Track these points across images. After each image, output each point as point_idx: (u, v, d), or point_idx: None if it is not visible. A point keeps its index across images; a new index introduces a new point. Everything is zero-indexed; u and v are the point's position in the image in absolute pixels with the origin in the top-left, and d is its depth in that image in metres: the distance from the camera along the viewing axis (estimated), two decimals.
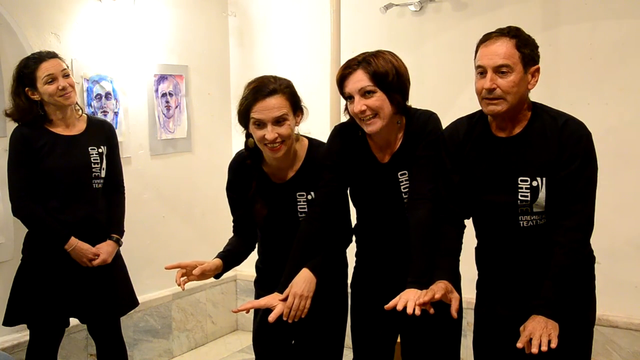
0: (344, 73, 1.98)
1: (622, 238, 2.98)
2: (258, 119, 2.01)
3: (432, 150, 2.01)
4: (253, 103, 2.01)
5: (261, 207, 2.15)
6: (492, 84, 1.85)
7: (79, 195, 2.59)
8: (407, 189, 2.03)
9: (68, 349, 3.14)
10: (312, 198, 2.13)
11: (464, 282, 2.11)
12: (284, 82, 2.07)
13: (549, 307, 1.82)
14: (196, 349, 3.93)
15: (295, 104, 2.07)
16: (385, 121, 1.97)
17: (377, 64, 1.94)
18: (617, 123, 2.95)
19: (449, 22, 3.34)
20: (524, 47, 1.87)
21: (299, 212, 2.14)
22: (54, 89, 2.49)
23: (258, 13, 3.99)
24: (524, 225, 1.92)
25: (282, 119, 2.01)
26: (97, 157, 2.63)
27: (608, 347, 3.04)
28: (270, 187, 2.16)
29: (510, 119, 1.93)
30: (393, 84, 1.95)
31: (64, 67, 2.55)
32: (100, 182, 2.65)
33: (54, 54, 2.57)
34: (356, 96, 1.95)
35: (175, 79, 3.73)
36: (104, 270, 2.64)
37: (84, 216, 2.60)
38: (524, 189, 1.90)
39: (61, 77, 2.51)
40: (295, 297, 1.95)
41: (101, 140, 2.68)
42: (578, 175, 1.86)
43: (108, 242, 2.67)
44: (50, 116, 2.56)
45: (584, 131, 1.89)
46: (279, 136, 2.01)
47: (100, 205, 2.67)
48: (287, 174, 2.16)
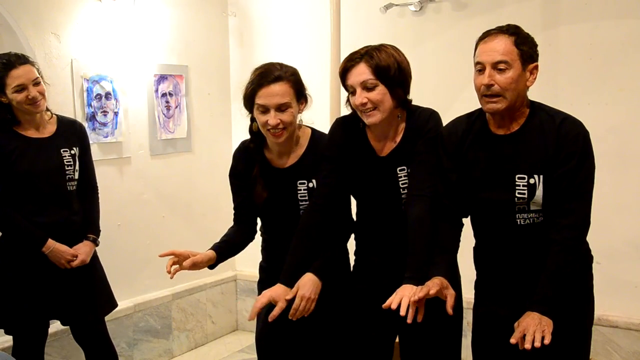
0: (347, 66, 1.99)
1: (622, 238, 2.98)
2: (262, 105, 2.05)
3: (432, 148, 2.02)
4: (258, 88, 2.05)
5: (262, 189, 2.17)
6: (490, 80, 1.86)
7: (53, 198, 2.55)
8: (406, 186, 2.03)
9: (68, 349, 3.14)
10: (313, 186, 2.14)
11: (463, 282, 2.11)
12: (289, 69, 2.09)
13: (544, 304, 1.83)
14: (196, 349, 3.93)
15: (299, 92, 2.10)
16: (385, 114, 1.99)
17: (380, 57, 1.95)
18: (617, 123, 2.95)
19: (449, 22, 3.34)
20: (522, 45, 1.87)
21: (299, 199, 2.15)
22: (22, 98, 2.43)
23: (258, 13, 3.99)
24: (521, 223, 1.92)
25: (286, 106, 2.05)
26: (70, 159, 2.60)
27: (608, 347, 3.04)
28: (271, 172, 2.19)
29: (509, 116, 1.93)
30: (395, 78, 1.97)
31: (35, 75, 2.46)
32: (74, 184, 2.62)
33: (25, 60, 2.47)
34: (358, 89, 1.96)
35: (175, 79, 3.73)
36: (82, 272, 2.62)
37: (59, 219, 2.57)
38: (521, 186, 1.90)
39: (31, 86, 2.44)
40: (303, 300, 1.98)
41: (73, 141, 2.64)
42: (575, 173, 1.86)
43: (85, 242, 2.64)
44: (19, 118, 2.51)
45: (582, 129, 1.90)
46: (282, 122, 2.05)
47: (75, 207, 2.64)
48: (288, 160, 2.18)
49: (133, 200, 3.52)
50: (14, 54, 2.48)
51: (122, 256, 3.39)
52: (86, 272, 2.64)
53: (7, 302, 2.53)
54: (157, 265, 3.67)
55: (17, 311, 2.53)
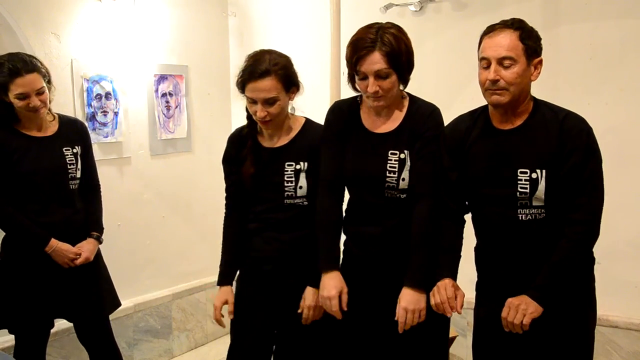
0: (361, 54, 1.96)
1: (622, 238, 2.97)
2: (250, 97, 2.12)
3: (434, 146, 2.03)
4: (247, 82, 2.11)
5: (250, 165, 2.23)
6: (495, 75, 1.86)
7: (56, 197, 2.55)
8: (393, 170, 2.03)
9: (68, 349, 3.14)
10: (300, 169, 2.18)
11: (464, 282, 2.11)
12: (279, 61, 2.13)
13: (538, 290, 1.86)
14: (196, 349, 3.93)
15: (288, 83, 2.14)
16: (392, 99, 2.03)
17: (392, 44, 1.95)
18: (617, 123, 2.94)
19: (449, 22, 3.34)
20: (527, 39, 1.88)
21: (285, 180, 2.18)
22: (24, 105, 2.42)
23: (258, 13, 3.99)
24: (523, 218, 1.92)
25: (273, 100, 2.11)
26: (72, 158, 2.59)
27: (608, 347, 3.04)
28: (261, 150, 2.24)
29: (512, 110, 1.94)
30: (404, 64, 1.99)
31: (40, 84, 2.43)
32: (76, 183, 2.61)
33: (32, 67, 2.42)
34: (371, 77, 1.97)
35: (175, 79, 3.73)
36: (86, 270, 2.61)
37: (62, 218, 2.56)
38: (524, 180, 1.90)
39: (34, 95, 2.41)
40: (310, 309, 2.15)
41: (75, 140, 2.63)
42: (581, 168, 1.86)
43: (89, 240, 2.64)
44: (21, 117, 2.50)
45: (584, 125, 1.90)
46: (269, 114, 2.12)
47: (77, 205, 2.63)
48: (278, 141, 2.23)
49: (133, 200, 3.52)
50: (21, 59, 2.43)
51: (122, 256, 3.38)
52: (90, 270, 2.64)
53: (11, 301, 2.53)
54: (157, 265, 3.69)
55: (20, 311, 2.53)
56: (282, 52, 2.20)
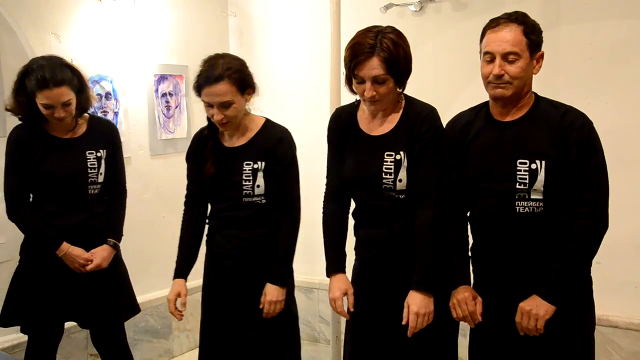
0: (359, 59, 1.96)
1: (622, 238, 2.97)
2: (206, 102, 2.21)
3: (433, 148, 2.03)
4: (202, 87, 2.19)
5: (210, 165, 2.30)
6: (500, 70, 1.87)
7: (73, 201, 2.52)
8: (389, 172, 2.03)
9: (68, 349, 3.14)
10: (258, 168, 2.24)
11: None
12: (232, 65, 2.18)
13: (547, 289, 1.87)
14: (196, 349, 3.90)
15: (243, 85, 2.20)
16: (388, 103, 2.05)
17: (390, 49, 1.95)
18: (617, 123, 2.94)
19: (449, 22, 3.34)
20: (531, 34, 1.89)
21: (243, 179, 2.25)
22: (49, 114, 2.40)
23: (258, 13, 3.99)
24: (520, 211, 1.91)
25: (228, 104, 2.18)
26: (95, 162, 2.54)
27: (608, 347, 3.04)
28: (221, 150, 2.30)
29: (514, 104, 1.94)
30: (402, 70, 2.00)
31: (67, 98, 2.38)
32: (97, 187, 2.57)
33: (62, 81, 2.35)
34: (368, 82, 1.98)
35: (175, 79, 3.73)
36: (103, 275, 2.59)
37: (78, 222, 2.54)
38: (523, 171, 1.90)
39: (60, 107, 2.37)
40: (271, 304, 2.28)
41: (101, 143, 2.58)
42: (584, 163, 1.86)
43: (104, 246, 2.60)
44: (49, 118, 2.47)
45: (586, 119, 1.90)
46: (225, 117, 2.20)
47: (96, 210, 2.59)
48: (237, 141, 2.29)
49: (133, 200, 3.49)
50: (52, 70, 2.34)
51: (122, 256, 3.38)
52: (107, 276, 2.61)
53: (27, 301, 2.53)
54: (157, 265, 3.68)
55: (35, 311, 2.53)
56: (236, 55, 2.30)
